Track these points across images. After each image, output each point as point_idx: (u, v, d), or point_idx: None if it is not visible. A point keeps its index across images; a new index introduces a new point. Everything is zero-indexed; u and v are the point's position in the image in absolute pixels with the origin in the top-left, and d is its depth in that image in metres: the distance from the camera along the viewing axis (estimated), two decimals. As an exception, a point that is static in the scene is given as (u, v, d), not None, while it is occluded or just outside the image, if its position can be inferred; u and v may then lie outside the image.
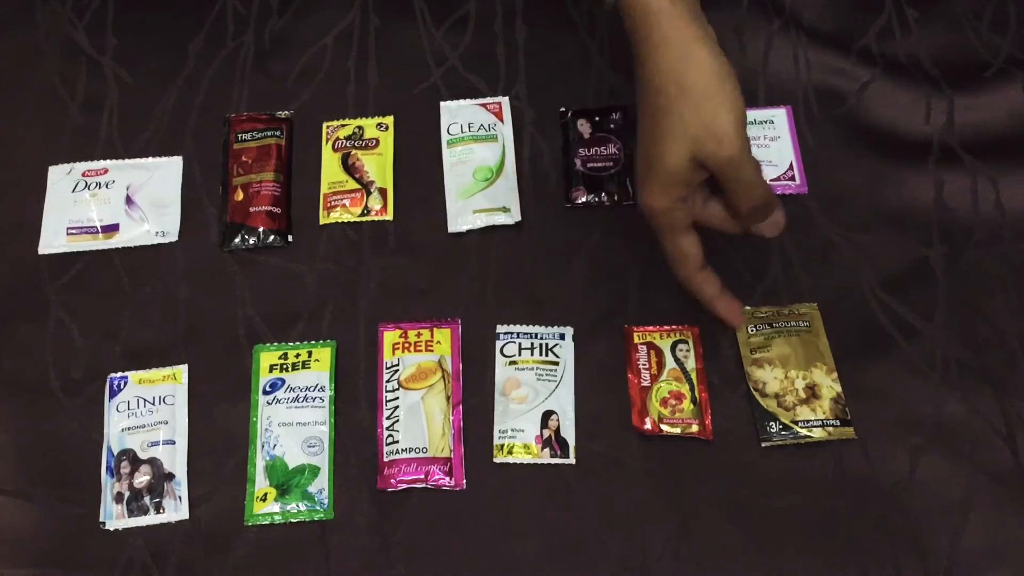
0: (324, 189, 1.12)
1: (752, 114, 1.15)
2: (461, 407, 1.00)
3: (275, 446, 0.98)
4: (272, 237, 1.09)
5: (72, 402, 1.01)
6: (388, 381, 1.01)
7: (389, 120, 1.16)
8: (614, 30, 1.21)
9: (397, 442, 0.97)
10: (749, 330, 1.03)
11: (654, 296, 1.05)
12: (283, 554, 0.94)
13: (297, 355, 1.02)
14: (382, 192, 1.11)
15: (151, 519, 0.95)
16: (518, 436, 0.98)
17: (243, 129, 1.15)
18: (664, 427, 0.98)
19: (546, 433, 0.98)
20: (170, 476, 0.97)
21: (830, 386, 0.99)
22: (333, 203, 1.11)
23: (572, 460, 0.97)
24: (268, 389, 1.01)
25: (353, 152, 1.13)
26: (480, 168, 1.12)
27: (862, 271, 1.06)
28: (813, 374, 1.00)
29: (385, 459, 0.97)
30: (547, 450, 0.97)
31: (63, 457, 0.99)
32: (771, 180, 1.11)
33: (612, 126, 1.14)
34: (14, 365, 1.04)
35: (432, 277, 1.07)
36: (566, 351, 1.02)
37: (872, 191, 1.10)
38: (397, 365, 1.01)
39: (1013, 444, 0.97)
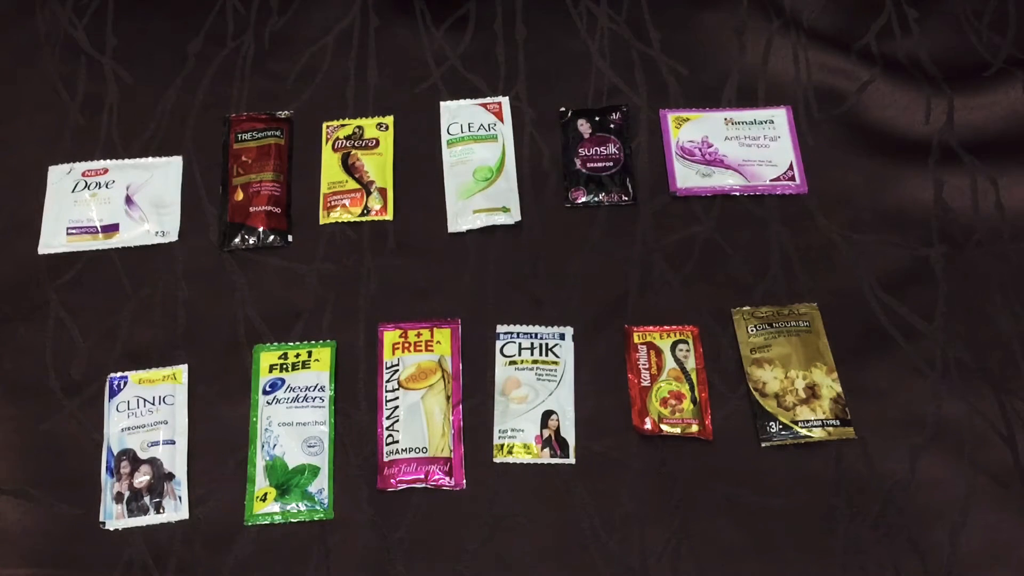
0: (324, 189, 1.12)
1: (752, 114, 1.15)
2: (461, 407, 1.00)
3: (275, 446, 0.98)
4: (272, 237, 1.09)
5: (72, 402, 1.01)
6: (388, 381, 1.01)
7: (389, 120, 1.16)
8: (614, 30, 1.21)
9: (397, 442, 0.97)
10: (749, 330, 1.02)
11: (654, 296, 1.05)
12: (283, 554, 0.94)
13: (297, 355, 1.02)
14: (382, 192, 1.11)
15: (151, 519, 0.95)
16: (518, 436, 0.98)
17: (243, 129, 1.15)
18: (664, 427, 0.98)
19: (546, 433, 0.98)
20: (170, 476, 0.97)
21: (830, 386, 0.99)
22: (333, 203, 1.11)
23: (572, 460, 0.97)
24: (268, 389, 1.01)
25: (353, 152, 1.13)
26: (480, 168, 1.12)
27: (862, 271, 1.06)
28: (813, 374, 1.00)
29: (385, 459, 0.97)
30: (547, 450, 0.97)
31: (63, 457, 0.99)
32: (771, 180, 1.11)
33: (612, 126, 1.14)
34: (14, 365, 1.04)
35: (432, 277, 1.07)
36: (566, 351, 1.02)
37: (872, 191, 1.10)
38: (397, 365, 1.01)
39: (1013, 444, 0.97)
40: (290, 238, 1.10)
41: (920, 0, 1.22)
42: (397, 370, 1.01)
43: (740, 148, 1.13)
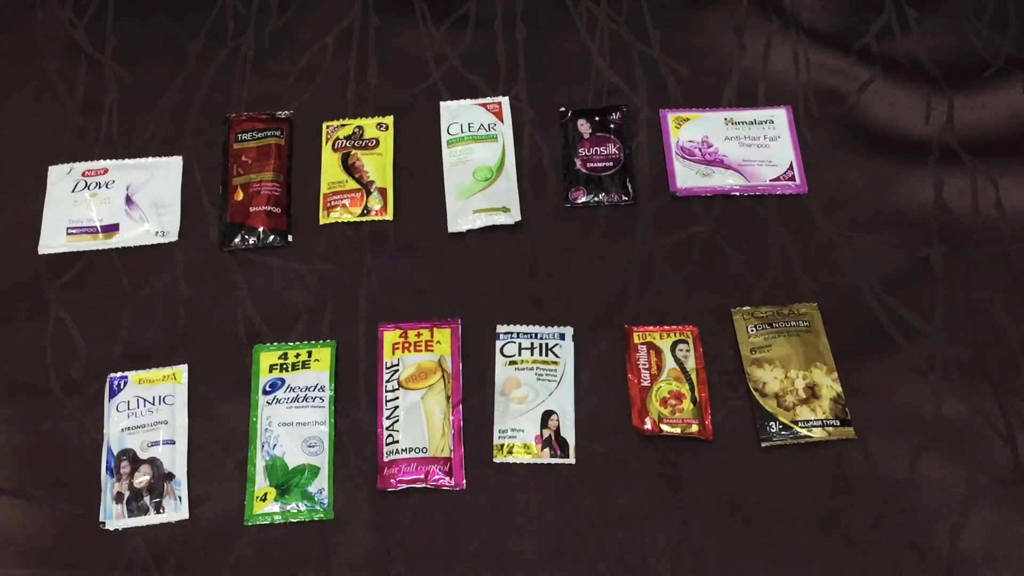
0: (324, 189, 1.12)
1: (752, 114, 1.15)
2: (461, 407, 1.00)
3: (275, 446, 0.98)
4: (272, 237, 1.09)
5: (72, 402, 1.01)
6: (388, 381, 1.01)
7: (389, 120, 1.16)
8: (614, 30, 1.21)
9: (397, 442, 0.97)
10: (749, 330, 1.02)
11: (654, 296, 1.05)
12: (283, 554, 0.94)
13: (297, 355, 1.02)
14: (382, 192, 1.11)
15: (151, 519, 0.95)
16: (518, 436, 0.98)
17: (243, 129, 1.15)
18: (664, 427, 0.98)
19: (546, 433, 0.98)
20: (170, 476, 0.97)
21: (830, 386, 0.99)
22: (333, 203, 1.11)
23: (572, 460, 0.97)
24: (268, 389, 1.01)
25: (353, 152, 1.13)
26: (480, 168, 1.12)
27: (862, 271, 1.06)
28: (813, 374, 1.00)
29: (385, 459, 0.97)
30: (547, 450, 0.97)
31: (63, 457, 0.99)
32: (771, 180, 1.11)
33: (612, 126, 1.14)
34: (14, 365, 1.03)
35: (432, 277, 1.07)
36: (566, 351, 1.02)
37: (872, 191, 1.10)
38: (397, 365, 1.01)
39: (1013, 444, 0.97)
40: (290, 238, 1.10)
41: (920, 0, 1.22)
42: (397, 370, 1.01)
43: (740, 148, 1.13)
